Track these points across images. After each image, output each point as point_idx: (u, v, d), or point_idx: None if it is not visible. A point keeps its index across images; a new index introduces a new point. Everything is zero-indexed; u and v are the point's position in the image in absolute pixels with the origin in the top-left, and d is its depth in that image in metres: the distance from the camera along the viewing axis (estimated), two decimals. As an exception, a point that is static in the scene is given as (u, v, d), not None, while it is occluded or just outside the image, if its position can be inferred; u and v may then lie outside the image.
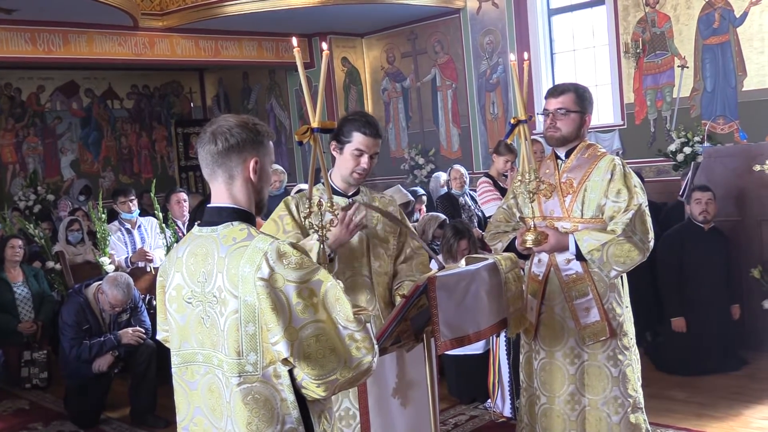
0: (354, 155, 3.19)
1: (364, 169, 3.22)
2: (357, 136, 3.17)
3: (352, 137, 3.18)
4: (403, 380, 3.15)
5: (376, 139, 3.21)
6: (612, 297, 3.58)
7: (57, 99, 12.57)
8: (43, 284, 7.14)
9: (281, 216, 3.24)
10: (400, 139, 12.03)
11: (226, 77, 13.95)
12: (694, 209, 6.04)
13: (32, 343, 6.83)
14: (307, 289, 2.05)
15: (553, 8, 10.29)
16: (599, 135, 9.34)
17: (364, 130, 3.17)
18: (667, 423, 4.88)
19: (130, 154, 13.46)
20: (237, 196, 2.22)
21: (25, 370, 6.77)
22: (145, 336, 5.76)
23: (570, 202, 3.59)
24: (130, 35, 10.28)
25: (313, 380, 2.04)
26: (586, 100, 3.63)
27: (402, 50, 11.81)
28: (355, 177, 3.24)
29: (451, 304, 2.93)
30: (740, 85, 8.35)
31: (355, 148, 3.19)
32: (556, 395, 3.62)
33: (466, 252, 5.36)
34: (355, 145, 3.18)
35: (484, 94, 10.78)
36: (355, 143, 3.18)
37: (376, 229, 3.33)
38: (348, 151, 3.20)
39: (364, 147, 3.19)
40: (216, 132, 2.19)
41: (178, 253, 2.26)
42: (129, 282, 5.70)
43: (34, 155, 12.30)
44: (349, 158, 3.20)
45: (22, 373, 6.77)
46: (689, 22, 8.66)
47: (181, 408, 2.30)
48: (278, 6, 9.80)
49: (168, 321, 2.30)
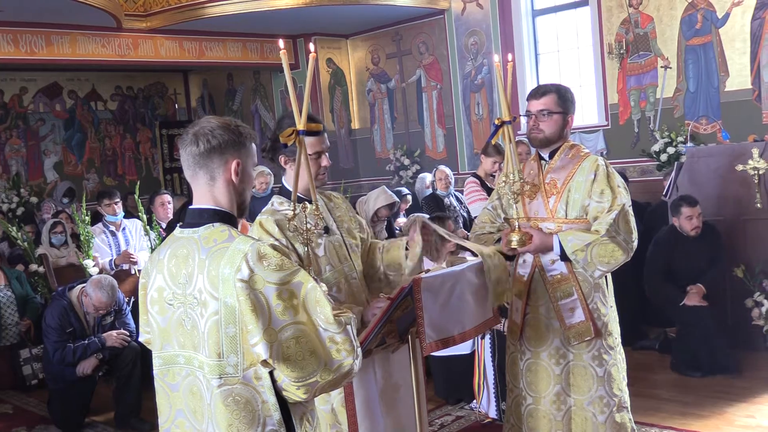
0: (312, 159, 3.03)
1: (326, 168, 3.12)
2: (309, 140, 2.97)
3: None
4: (389, 381, 3.14)
5: (323, 135, 3.09)
6: (597, 297, 3.59)
7: (40, 101, 12.47)
8: (26, 287, 7.09)
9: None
10: (386, 140, 12.03)
11: (210, 78, 13.90)
12: (685, 224, 6.01)
13: (27, 341, 6.80)
14: (288, 291, 2.04)
15: (537, 9, 10.32)
16: (583, 135, 9.38)
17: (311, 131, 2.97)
18: (653, 422, 4.90)
19: (114, 156, 13.38)
20: (218, 197, 2.22)
21: (26, 368, 6.74)
22: (129, 339, 5.73)
23: (554, 203, 3.60)
24: (113, 36, 10.21)
25: (294, 382, 2.04)
26: (569, 101, 3.64)
27: (387, 51, 11.81)
28: (320, 179, 3.12)
29: (436, 306, 2.93)
30: (723, 85, 8.40)
31: (312, 153, 3.03)
32: (541, 396, 3.63)
33: None
34: (310, 149, 3.00)
35: (469, 95, 10.80)
36: (309, 148, 2.99)
37: (350, 228, 3.29)
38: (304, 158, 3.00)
39: (320, 147, 3.07)
40: (198, 133, 2.18)
41: (160, 255, 2.25)
42: (113, 284, 5.67)
43: (17, 157, 12.20)
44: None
45: (24, 371, 6.73)
46: (672, 22, 8.72)
47: (163, 410, 2.30)
48: (262, 7, 9.77)
49: (149, 323, 2.29)
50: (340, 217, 3.26)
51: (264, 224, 3.03)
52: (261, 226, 3.04)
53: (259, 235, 3.01)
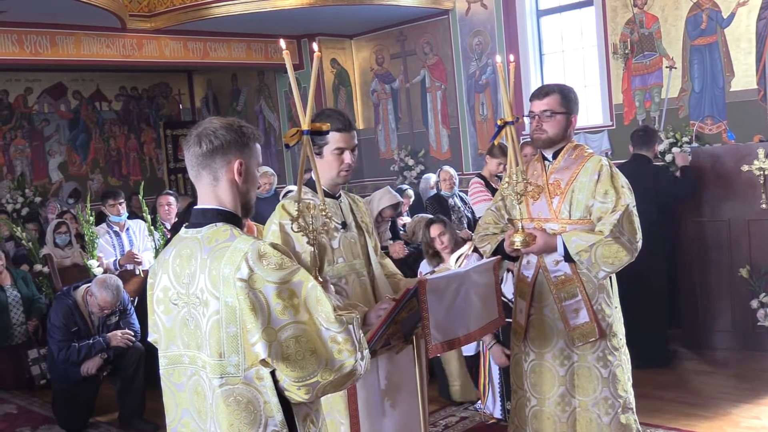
0: (335, 155, 3.12)
1: (349, 166, 3.16)
2: (333, 135, 3.09)
3: (327, 138, 3.09)
4: (393, 382, 3.14)
5: (351, 132, 3.16)
6: (601, 298, 3.58)
7: (44, 101, 12.49)
8: (31, 287, 7.10)
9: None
10: (390, 141, 12.02)
11: (214, 79, 13.91)
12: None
13: (34, 341, 6.81)
14: (288, 290, 2.04)
15: (541, 9, 10.30)
16: (588, 136, 9.36)
17: (339, 126, 3.09)
18: (657, 423, 4.89)
19: (118, 156, 13.39)
20: (222, 197, 2.22)
21: (35, 368, 6.76)
22: (134, 339, 5.73)
23: (558, 204, 3.59)
24: (118, 37, 10.23)
25: (294, 382, 2.03)
26: (572, 101, 3.62)
27: (391, 51, 11.80)
28: (342, 176, 3.18)
29: (442, 307, 2.92)
30: (728, 85, 8.38)
31: (335, 148, 3.12)
32: (546, 397, 3.62)
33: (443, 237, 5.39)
34: (334, 144, 3.11)
35: (474, 95, 10.78)
36: (333, 143, 3.11)
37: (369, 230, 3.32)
38: (328, 152, 3.13)
39: (344, 144, 3.12)
40: (201, 134, 2.19)
41: (166, 255, 2.26)
42: (118, 284, 5.67)
43: (22, 158, 12.22)
44: (331, 159, 3.14)
45: (33, 372, 6.75)
46: (677, 23, 8.70)
47: (169, 410, 2.30)
48: (267, 7, 9.77)
49: (156, 322, 2.30)
50: (361, 218, 3.31)
51: (286, 206, 3.13)
52: (283, 208, 3.14)
53: (279, 217, 3.11)
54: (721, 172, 6.32)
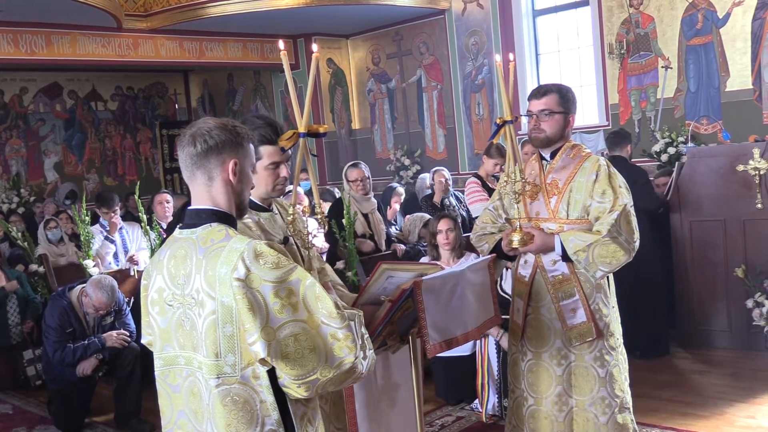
0: (270, 170, 2.71)
1: (285, 179, 2.76)
2: (266, 150, 2.67)
3: (259, 152, 2.62)
4: (389, 382, 3.14)
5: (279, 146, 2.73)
6: (598, 298, 3.58)
7: (40, 101, 12.47)
8: (27, 287, 7.08)
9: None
10: (386, 141, 12.02)
11: (210, 78, 13.90)
12: None
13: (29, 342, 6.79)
14: (285, 289, 2.03)
15: (537, 9, 10.32)
16: (584, 135, 9.37)
17: (270, 138, 2.68)
18: (654, 422, 4.89)
19: (114, 156, 13.38)
20: (216, 197, 2.21)
21: (30, 369, 6.74)
22: (129, 339, 5.72)
23: (555, 203, 3.59)
24: (113, 36, 10.22)
25: (294, 380, 2.03)
26: (570, 101, 3.63)
27: (387, 51, 11.80)
28: (278, 189, 2.79)
29: (438, 307, 2.91)
30: (723, 85, 8.40)
31: (269, 163, 2.70)
32: (543, 396, 3.62)
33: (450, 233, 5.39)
34: (268, 159, 2.69)
35: (470, 95, 10.79)
36: (267, 158, 2.69)
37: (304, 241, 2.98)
38: (261, 168, 2.66)
39: (278, 157, 2.71)
40: (195, 134, 2.18)
41: (160, 256, 2.25)
42: (113, 285, 5.65)
43: (17, 157, 12.21)
44: (265, 175, 2.71)
45: (28, 372, 6.73)
46: (673, 23, 8.71)
47: (165, 411, 2.29)
48: (262, 7, 9.77)
49: (150, 324, 2.29)
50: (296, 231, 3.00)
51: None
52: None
53: None
54: (717, 172, 6.33)
